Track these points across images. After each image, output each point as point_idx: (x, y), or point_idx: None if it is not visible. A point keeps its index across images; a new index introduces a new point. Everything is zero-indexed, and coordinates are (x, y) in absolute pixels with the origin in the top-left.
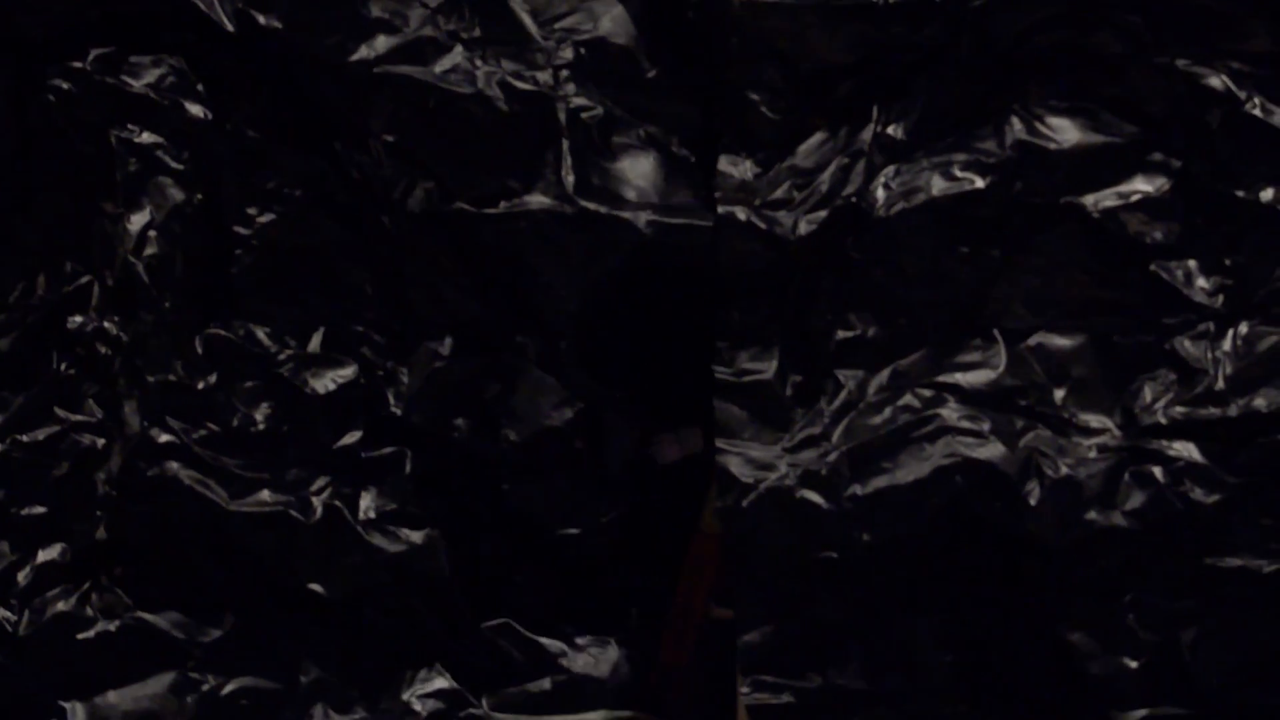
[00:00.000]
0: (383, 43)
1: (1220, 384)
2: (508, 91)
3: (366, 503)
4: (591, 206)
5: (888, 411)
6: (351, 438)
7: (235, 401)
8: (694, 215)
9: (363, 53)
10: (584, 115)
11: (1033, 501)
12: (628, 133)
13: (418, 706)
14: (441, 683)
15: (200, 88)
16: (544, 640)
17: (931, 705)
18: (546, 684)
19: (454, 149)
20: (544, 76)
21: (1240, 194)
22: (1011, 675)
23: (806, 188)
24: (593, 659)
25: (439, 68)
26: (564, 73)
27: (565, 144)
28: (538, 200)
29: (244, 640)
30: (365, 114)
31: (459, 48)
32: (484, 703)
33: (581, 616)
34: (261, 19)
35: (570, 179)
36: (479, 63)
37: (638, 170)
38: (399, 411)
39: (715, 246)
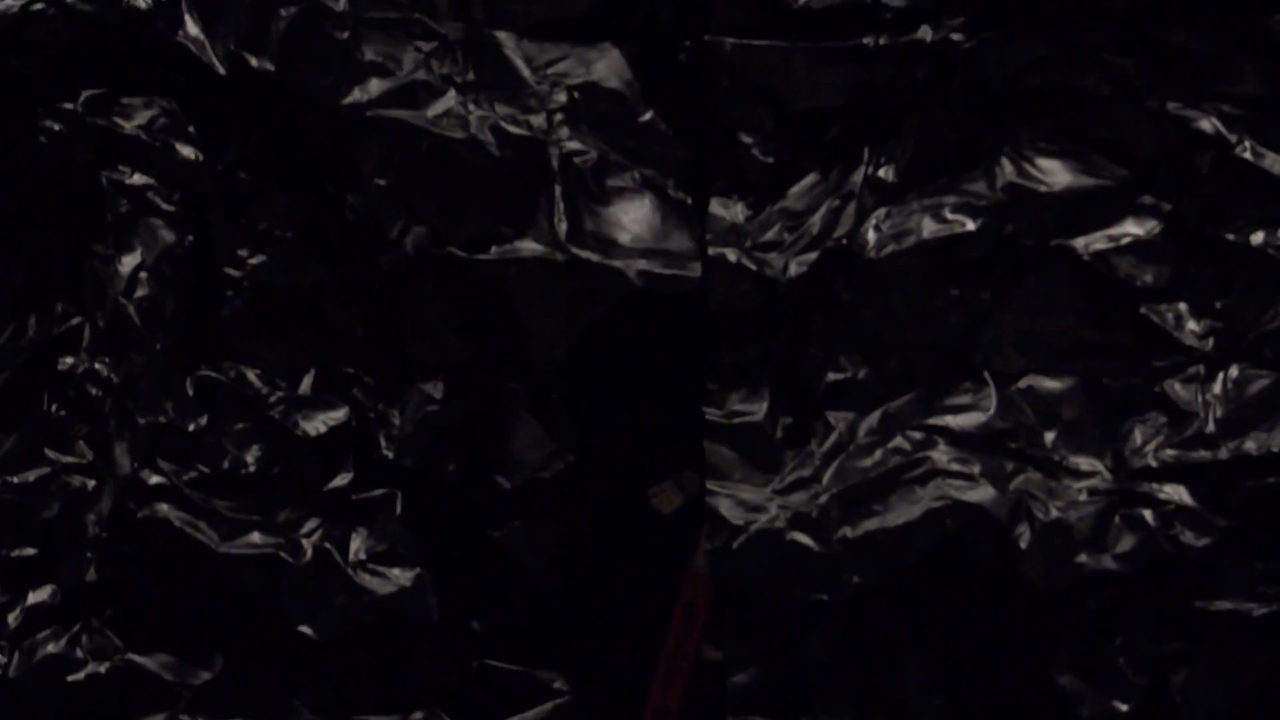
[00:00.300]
0: (376, 86)
1: (1211, 427)
2: (500, 136)
3: (357, 544)
4: (584, 255)
5: (878, 454)
6: (342, 479)
7: (226, 443)
8: (686, 263)
9: (355, 96)
10: (577, 160)
11: (1023, 544)
12: (622, 176)
13: None
14: None
15: (191, 129)
16: (535, 679)
17: None
18: (548, 710)
19: (446, 193)
20: (537, 121)
21: (1231, 237)
22: (1001, 717)
23: (797, 229)
24: (584, 700)
25: (431, 112)
26: (557, 117)
27: (558, 189)
28: (529, 247)
29: (234, 682)
30: (358, 157)
31: (452, 92)
32: None
33: (571, 655)
34: (254, 62)
35: (563, 225)
36: (472, 107)
37: (631, 214)
38: (390, 454)
39: (706, 288)
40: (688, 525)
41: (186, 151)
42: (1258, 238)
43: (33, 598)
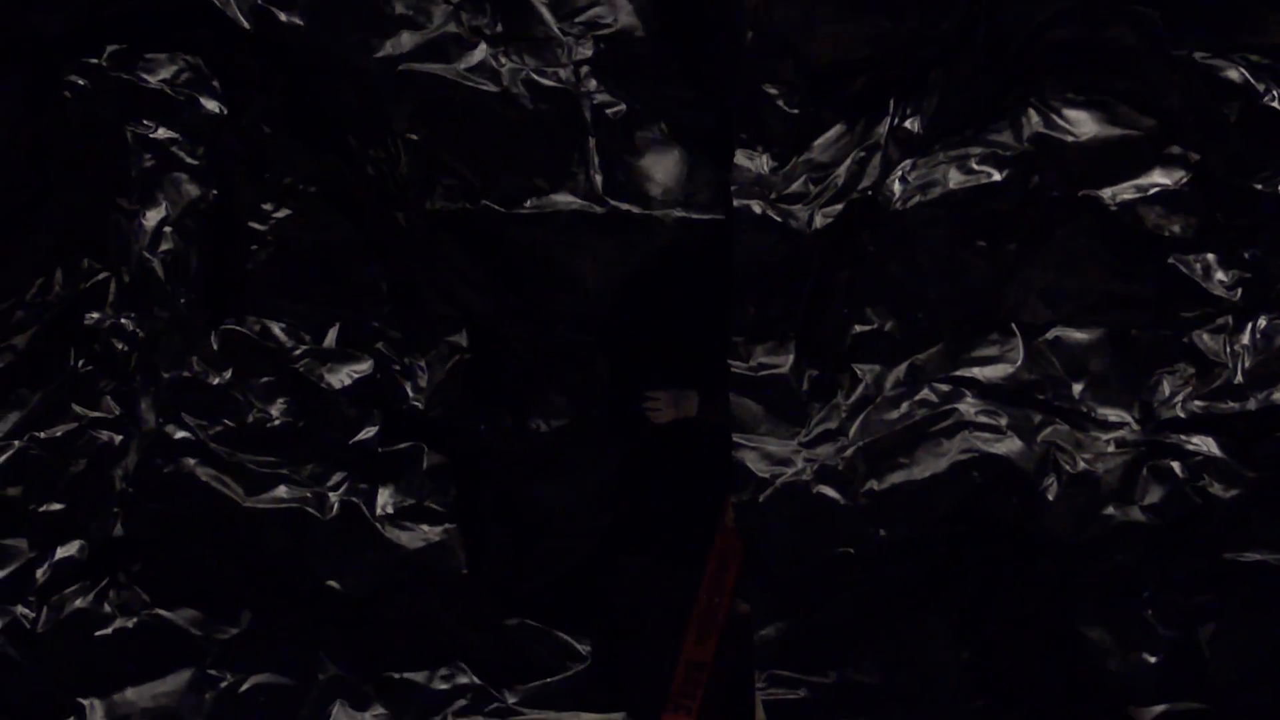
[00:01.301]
0: (406, 40)
1: (1239, 378)
2: (533, 89)
3: (384, 498)
4: (623, 207)
5: (905, 406)
6: (368, 433)
7: (251, 397)
8: (718, 210)
9: (386, 50)
10: (608, 112)
11: (1050, 497)
12: (650, 127)
13: (440, 702)
14: (464, 678)
15: (216, 84)
16: (564, 635)
17: (947, 702)
18: (570, 677)
19: (479, 147)
20: (565, 73)
21: (1258, 187)
22: (1028, 672)
23: (823, 181)
24: (615, 654)
25: (463, 65)
26: (585, 68)
27: (592, 142)
28: (566, 199)
29: (261, 637)
30: (388, 111)
31: (483, 44)
32: (508, 697)
33: (599, 612)
34: (283, 16)
35: (599, 178)
36: (503, 59)
37: (662, 166)
38: (419, 404)
39: (731, 240)
40: (720, 479)
41: (211, 106)
42: None
43: (61, 553)
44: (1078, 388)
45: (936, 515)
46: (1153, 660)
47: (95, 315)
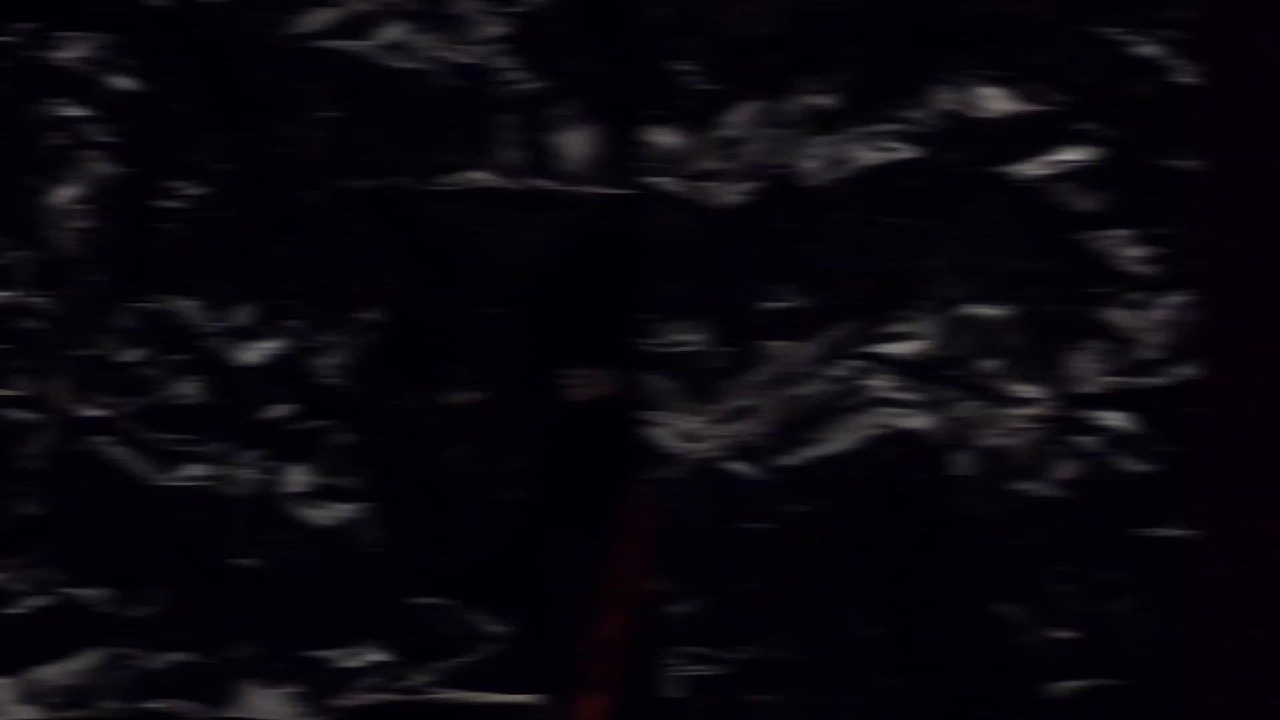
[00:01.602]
0: (321, 17)
1: (1150, 354)
2: (446, 66)
3: (295, 476)
4: (539, 183)
5: (817, 382)
6: (280, 410)
7: (163, 375)
8: (633, 186)
9: (300, 27)
10: (522, 88)
11: (962, 472)
12: (564, 104)
13: (352, 680)
14: (375, 657)
15: (128, 61)
16: (479, 615)
17: (861, 677)
18: (482, 658)
19: (393, 125)
20: (480, 49)
21: (1170, 163)
22: (941, 647)
23: (735, 158)
24: (527, 635)
25: (377, 42)
26: (498, 45)
27: (507, 119)
28: (482, 177)
29: (175, 616)
30: (302, 89)
31: (397, 21)
32: (419, 677)
33: (513, 591)
34: None
35: (513, 155)
36: (417, 36)
37: (576, 142)
38: (331, 381)
39: (643, 218)
40: (631, 455)
41: (123, 83)
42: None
43: None
44: (989, 364)
45: (849, 490)
46: (1066, 636)
47: (6, 294)
